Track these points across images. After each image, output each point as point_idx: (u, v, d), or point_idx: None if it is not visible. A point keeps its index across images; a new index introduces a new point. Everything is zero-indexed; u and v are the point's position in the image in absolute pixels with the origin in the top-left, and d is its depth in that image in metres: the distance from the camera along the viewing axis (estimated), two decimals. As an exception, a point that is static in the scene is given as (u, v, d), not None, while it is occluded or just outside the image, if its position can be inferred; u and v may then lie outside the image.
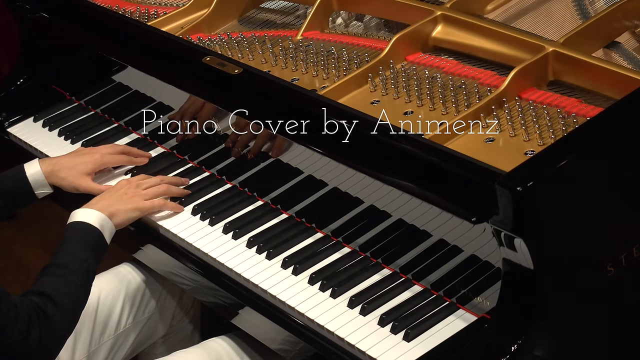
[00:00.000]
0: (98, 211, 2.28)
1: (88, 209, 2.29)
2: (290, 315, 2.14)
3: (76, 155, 2.59)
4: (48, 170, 2.52)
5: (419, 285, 2.12)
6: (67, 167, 2.54)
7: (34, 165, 2.53)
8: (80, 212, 2.28)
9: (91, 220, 2.26)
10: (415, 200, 2.07)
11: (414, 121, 2.21)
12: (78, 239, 2.24)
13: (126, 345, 2.49)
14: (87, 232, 2.25)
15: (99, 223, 2.26)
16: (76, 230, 2.26)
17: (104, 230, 2.27)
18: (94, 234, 2.25)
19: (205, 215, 2.41)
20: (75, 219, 2.27)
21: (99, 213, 2.28)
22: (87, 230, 2.25)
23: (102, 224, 2.27)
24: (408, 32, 2.37)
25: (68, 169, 2.53)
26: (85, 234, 2.25)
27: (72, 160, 2.56)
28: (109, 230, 2.29)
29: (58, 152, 2.74)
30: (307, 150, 2.27)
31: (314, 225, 2.32)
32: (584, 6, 2.34)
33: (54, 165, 2.54)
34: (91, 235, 2.25)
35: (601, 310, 1.97)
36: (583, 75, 2.15)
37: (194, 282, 2.37)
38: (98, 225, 2.26)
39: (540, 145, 2.06)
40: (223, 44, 2.62)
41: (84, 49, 2.88)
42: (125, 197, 2.37)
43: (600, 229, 1.93)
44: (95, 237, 2.25)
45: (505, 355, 1.87)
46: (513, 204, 1.81)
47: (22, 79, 3.00)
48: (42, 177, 2.52)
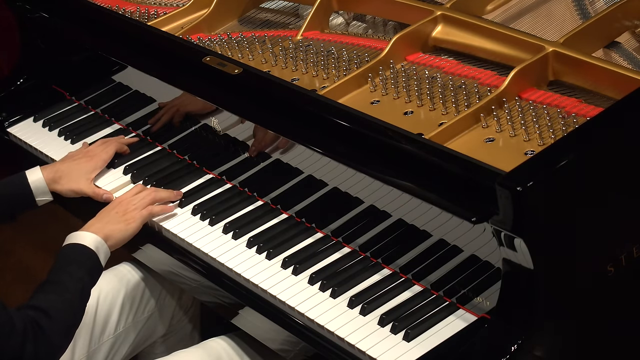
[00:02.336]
0: (93, 234, 2.29)
1: (84, 231, 2.30)
2: (290, 315, 2.14)
3: (74, 159, 2.60)
4: (50, 177, 2.54)
5: (419, 285, 2.12)
6: (67, 174, 2.56)
7: (36, 172, 2.54)
8: (76, 235, 2.29)
9: (87, 242, 2.26)
10: (415, 200, 2.07)
11: (414, 121, 2.21)
12: (74, 259, 2.24)
13: (126, 345, 2.49)
14: (82, 253, 2.25)
15: (94, 245, 2.27)
16: (72, 251, 2.26)
17: (99, 252, 2.27)
18: (89, 255, 2.25)
19: (205, 215, 2.41)
20: (71, 241, 2.28)
21: (94, 235, 2.28)
22: (83, 252, 2.25)
23: (97, 246, 2.27)
24: (408, 32, 2.37)
25: (68, 175, 2.56)
26: (81, 255, 2.25)
27: (70, 165, 2.58)
28: (104, 252, 2.29)
29: (58, 152, 2.74)
30: (307, 150, 2.27)
31: (314, 225, 2.32)
32: (584, 6, 2.34)
33: (56, 172, 2.55)
34: (87, 256, 2.25)
35: (601, 310, 1.97)
36: (583, 75, 2.15)
37: (193, 282, 2.37)
38: (93, 247, 2.26)
39: (540, 145, 2.06)
40: (223, 44, 2.62)
41: (84, 49, 2.88)
42: (116, 216, 2.37)
43: (600, 229, 1.93)
44: (90, 258, 2.25)
45: (505, 355, 1.87)
46: (513, 204, 1.81)
47: (22, 79, 3.00)
48: (44, 184, 2.53)
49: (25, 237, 3.84)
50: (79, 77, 2.94)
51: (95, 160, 2.60)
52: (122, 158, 2.65)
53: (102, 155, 2.61)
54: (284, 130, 2.29)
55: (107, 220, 2.35)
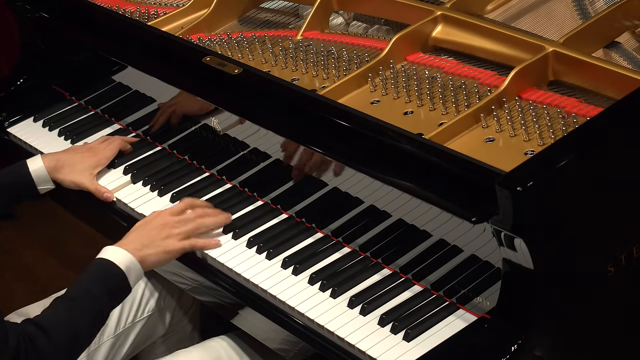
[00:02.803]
0: (129, 253, 2.18)
1: (119, 247, 2.19)
2: (290, 315, 2.14)
3: (77, 152, 2.60)
4: (51, 166, 2.53)
5: (419, 285, 2.12)
6: (69, 164, 2.55)
7: (37, 160, 2.54)
8: (110, 250, 2.19)
9: (119, 262, 2.16)
10: (415, 200, 2.07)
11: (414, 121, 2.21)
12: (99, 276, 2.15)
13: (126, 345, 2.49)
14: (110, 272, 2.15)
15: (126, 265, 2.16)
16: (100, 267, 2.16)
17: (130, 273, 2.17)
18: (117, 275, 2.15)
19: (205, 215, 2.41)
20: (103, 255, 2.18)
21: (129, 255, 2.18)
22: (111, 270, 2.15)
23: (128, 267, 2.17)
24: (408, 32, 2.37)
25: (70, 166, 2.55)
26: (107, 273, 2.15)
27: (74, 157, 2.57)
28: (136, 274, 2.19)
29: (58, 152, 2.75)
30: (307, 150, 2.26)
31: (314, 225, 2.32)
32: (584, 6, 2.34)
33: (57, 161, 2.55)
34: (114, 275, 2.15)
35: (601, 310, 1.97)
36: (583, 75, 2.15)
37: (193, 282, 2.37)
38: (124, 267, 2.16)
39: (540, 145, 2.06)
40: (223, 44, 2.62)
41: (84, 49, 2.88)
42: (158, 239, 2.25)
43: (600, 229, 1.93)
44: (117, 278, 2.16)
45: (505, 355, 1.87)
46: (513, 204, 1.81)
47: (22, 79, 3.01)
48: (44, 172, 2.52)
49: (25, 235, 3.85)
50: (79, 77, 2.94)
51: (99, 156, 2.59)
52: (122, 158, 2.65)
53: (105, 152, 2.61)
54: (284, 130, 2.29)
55: (148, 243, 2.23)
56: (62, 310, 2.08)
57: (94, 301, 2.11)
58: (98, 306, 2.12)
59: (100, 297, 2.12)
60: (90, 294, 2.11)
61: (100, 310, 2.12)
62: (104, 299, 2.13)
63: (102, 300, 2.12)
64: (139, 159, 2.66)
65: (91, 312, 2.10)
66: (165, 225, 2.27)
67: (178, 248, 2.26)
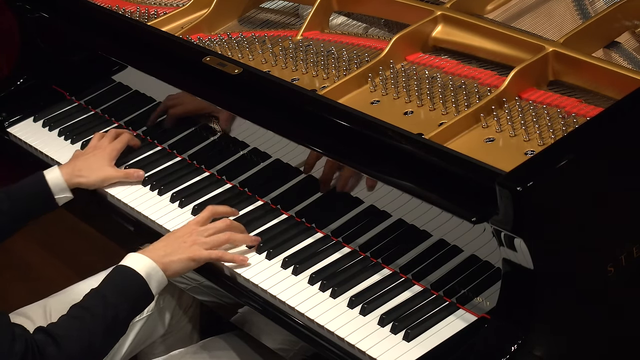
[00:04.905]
0: (151, 260, 2.15)
1: (141, 255, 2.16)
2: (290, 315, 2.14)
3: (87, 154, 2.58)
4: (68, 173, 2.49)
5: (419, 285, 2.12)
6: (86, 166, 2.53)
7: (54, 170, 2.50)
8: (132, 257, 2.16)
9: (139, 268, 2.13)
10: (415, 200, 2.07)
11: (414, 121, 2.21)
12: (117, 284, 2.12)
13: (125, 345, 2.48)
14: (129, 279, 2.12)
15: (146, 272, 2.13)
16: (119, 274, 2.14)
17: (151, 280, 2.14)
18: (137, 282, 2.12)
19: (205, 215, 2.41)
20: (124, 262, 2.16)
21: (151, 262, 2.15)
22: (131, 277, 2.12)
23: (149, 274, 2.14)
24: (408, 32, 2.37)
25: (88, 167, 2.52)
26: (126, 281, 2.12)
27: (87, 159, 2.56)
28: (158, 281, 2.15)
29: (58, 152, 2.74)
30: (307, 150, 2.27)
31: (314, 225, 2.32)
32: (584, 6, 2.34)
33: (73, 168, 2.51)
34: (134, 283, 2.12)
35: (601, 310, 1.97)
36: (583, 75, 2.15)
37: (193, 282, 2.37)
38: (144, 274, 2.13)
39: (540, 145, 2.06)
40: (223, 44, 2.62)
41: (84, 49, 2.88)
42: (183, 246, 2.21)
43: (600, 229, 1.93)
44: (137, 285, 2.12)
45: (505, 355, 1.87)
46: (513, 204, 1.81)
47: (22, 79, 3.00)
48: (62, 180, 2.47)
49: (25, 235, 3.84)
50: (79, 77, 2.94)
51: (109, 149, 2.58)
52: (123, 158, 2.65)
53: (115, 144, 2.60)
54: (284, 130, 2.29)
55: (172, 250, 2.20)
56: (73, 319, 2.05)
57: (108, 308, 2.07)
58: (112, 313, 2.07)
59: (116, 304, 2.08)
60: (104, 302, 2.08)
61: (114, 317, 2.07)
62: (122, 307, 2.09)
63: (119, 308, 2.09)
64: (139, 159, 2.65)
65: (105, 320, 2.06)
66: (191, 233, 2.24)
67: (204, 256, 2.22)
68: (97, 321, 2.05)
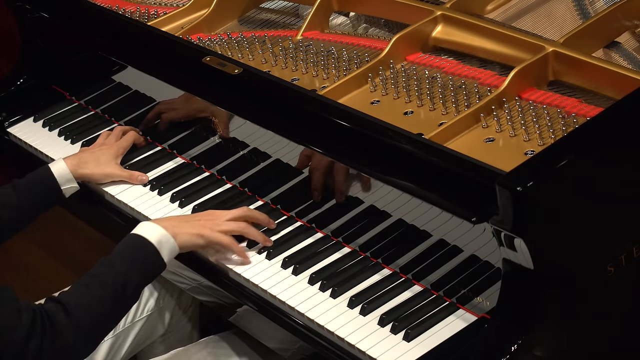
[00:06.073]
0: (161, 227, 2.13)
1: (152, 223, 2.15)
2: (290, 315, 2.14)
3: (94, 148, 2.59)
4: (74, 164, 2.49)
5: (419, 285, 2.12)
6: (92, 159, 2.52)
7: (59, 162, 2.50)
8: (143, 225, 2.14)
9: (149, 235, 2.11)
10: (415, 200, 2.07)
11: (414, 121, 2.21)
12: (126, 251, 2.10)
13: (125, 345, 2.49)
14: (139, 247, 2.10)
15: (157, 239, 2.11)
16: (129, 242, 2.12)
17: (162, 247, 2.11)
18: (147, 249, 2.10)
19: (205, 215, 2.41)
20: (136, 230, 2.14)
21: (161, 229, 2.13)
22: (141, 245, 2.10)
23: (160, 240, 2.11)
24: (408, 32, 2.37)
25: (94, 160, 2.52)
26: (136, 248, 2.10)
27: (94, 152, 2.55)
28: (169, 248, 2.12)
29: (58, 152, 2.74)
30: (308, 150, 2.26)
31: (314, 225, 2.32)
32: (584, 6, 2.34)
33: (79, 159, 2.51)
34: (144, 250, 2.10)
35: (601, 310, 1.97)
36: (583, 75, 2.15)
37: (193, 282, 2.37)
38: (155, 242, 2.10)
39: (540, 145, 2.06)
40: (223, 44, 2.62)
41: (84, 49, 2.88)
42: (197, 224, 2.21)
43: (600, 229, 1.93)
44: (147, 252, 2.10)
45: (505, 355, 1.87)
46: (513, 204, 1.81)
47: (22, 79, 3.00)
48: (67, 171, 2.46)
49: (25, 235, 3.83)
50: (79, 77, 2.94)
51: (116, 147, 2.58)
52: (123, 158, 2.65)
53: (121, 142, 2.60)
54: (284, 130, 2.29)
55: (186, 220, 2.20)
56: (81, 286, 2.03)
57: (118, 276, 2.04)
58: (121, 280, 2.04)
59: (125, 272, 2.05)
60: (113, 269, 2.05)
61: (123, 284, 2.04)
62: (131, 274, 2.06)
63: (128, 276, 2.05)
64: (139, 159, 2.65)
65: (114, 288, 2.03)
66: (210, 215, 2.25)
67: (214, 237, 2.20)
68: (104, 289, 2.03)
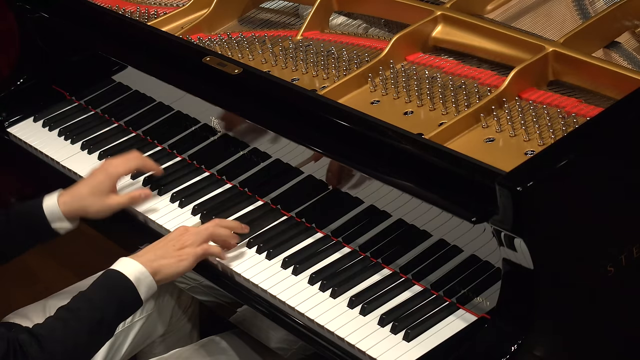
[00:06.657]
0: (140, 264, 2.13)
1: (131, 259, 2.15)
2: (290, 315, 2.14)
3: (89, 179, 2.44)
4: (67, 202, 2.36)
5: (419, 285, 2.12)
6: (88, 194, 2.39)
7: (52, 196, 2.38)
8: (123, 261, 2.14)
9: (127, 272, 2.12)
10: (415, 200, 2.07)
11: (414, 121, 2.21)
12: (104, 287, 2.11)
13: (125, 345, 2.49)
14: (117, 283, 2.11)
15: (135, 276, 2.11)
16: (108, 277, 2.13)
17: (140, 285, 2.12)
18: (125, 286, 2.11)
19: (205, 216, 2.41)
20: (115, 266, 2.14)
21: (140, 266, 2.13)
22: (119, 281, 2.11)
23: (138, 278, 2.12)
24: (408, 32, 2.37)
25: (90, 196, 2.39)
26: (114, 285, 2.11)
27: (88, 185, 2.41)
28: (147, 285, 2.13)
29: (58, 152, 2.75)
30: (307, 150, 2.26)
31: (314, 225, 2.32)
32: (584, 6, 2.34)
33: (73, 197, 2.38)
34: (121, 287, 2.11)
35: (601, 310, 1.97)
36: (583, 75, 2.15)
37: (192, 282, 2.37)
38: (133, 279, 2.11)
39: (540, 145, 2.06)
40: (223, 44, 2.62)
41: (83, 49, 2.88)
42: (172, 250, 2.20)
43: (600, 229, 1.93)
44: (125, 290, 2.11)
45: (505, 355, 1.87)
46: (513, 204, 1.81)
47: (22, 79, 3.00)
48: (57, 209, 2.35)
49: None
50: (79, 77, 2.94)
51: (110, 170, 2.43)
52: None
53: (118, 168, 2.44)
54: (284, 130, 2.29)
55: (162, 254, 2.18)
56: (58, 320, 2.05)
57: (94, 311, 2.07)
58: (98, 315, 2.07)
59: (102, 307, 2.08)
60: (90, 304, 2.07)
61: (100, 320, 2.07)
62: (108, 309, 2.08)
63: (105, 311, 2.08)
64: (138, 159, 2.65)
65: (90, 322, 2.06)
66: (181, 236, 2.23)
67: (190, 255, 2.20)
68: (80, 322, 2.05)
